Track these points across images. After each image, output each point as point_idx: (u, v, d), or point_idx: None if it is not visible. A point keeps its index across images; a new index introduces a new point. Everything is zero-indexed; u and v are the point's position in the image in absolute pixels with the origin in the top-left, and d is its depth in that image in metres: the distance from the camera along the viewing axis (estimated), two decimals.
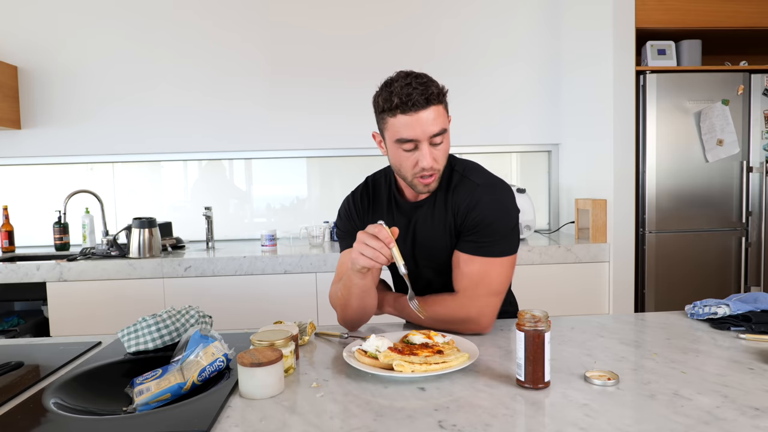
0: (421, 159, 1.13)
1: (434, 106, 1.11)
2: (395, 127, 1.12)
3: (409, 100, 1.09)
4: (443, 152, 1.17)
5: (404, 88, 1.10)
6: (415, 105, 1.09)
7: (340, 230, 1.38)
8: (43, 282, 2.39)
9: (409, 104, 1.09)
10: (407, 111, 1.10)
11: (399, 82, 1.12)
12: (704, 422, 0.77)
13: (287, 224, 3.10)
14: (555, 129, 3.11)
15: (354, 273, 1.15)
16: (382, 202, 1.33)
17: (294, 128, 3.00)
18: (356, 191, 1.38)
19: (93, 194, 2.80)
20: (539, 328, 0.90)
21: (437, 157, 1.15)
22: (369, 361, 0.99)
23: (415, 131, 1.11)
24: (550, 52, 3.07)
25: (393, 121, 1.12)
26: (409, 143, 1.13)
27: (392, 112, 1.11)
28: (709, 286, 2.66)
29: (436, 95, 1.11)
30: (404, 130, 1.11)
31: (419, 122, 1.10)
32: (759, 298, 1.24)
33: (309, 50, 2.98)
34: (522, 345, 0.91)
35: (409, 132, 1.11)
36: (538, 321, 0.90)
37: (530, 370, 0.90)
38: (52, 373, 1.04)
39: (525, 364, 0.91)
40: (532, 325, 0.90)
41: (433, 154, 1.14)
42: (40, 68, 2.92)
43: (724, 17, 2.62)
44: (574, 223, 2.90)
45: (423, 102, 1.09)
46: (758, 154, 2.65)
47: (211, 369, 0.96)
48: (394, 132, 1.13)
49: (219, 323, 1.82)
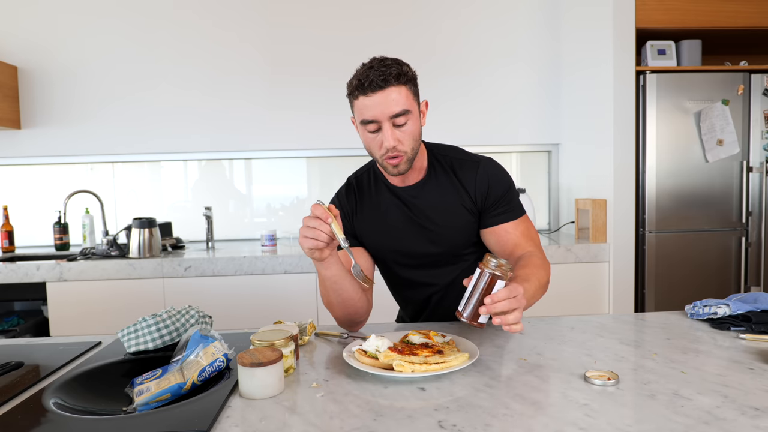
0: (384, 139, 1.14)
1: (394, 87, 1.11)
2: (358, 108, 1.15)
3: (367, 81, 1.11)
4: (409, 134, 1.16)
5: (365, 71, 1.12)
6: (371, 85, 1.10)
7: None
8: (43, 282, 2.39)
9: (366, 85, 1.11)
10: (366, 92, 1.11)
11: (365, 66, 1.15)
12: (704, 422, 0.77)
13: (287, 224, 3.10)
14: (555, 129, 3.11)
15: (316, 264, 1.17)
16: (371, 193, 1.32)
17: (294, 128, 3.00)
18: (340, 193, 1.37)
19: (93, 194, 2.80)
20: (496, 273, 0.98)
21: (401, 138, 1.15)
22: (369, 361, 0.99)
23: (373, 111, 1.12)
24: (550, 52, 3.07)
25: (356, 104, 1.15)
26: (371, 124, 1.14)
27: (354, 95, 1.14)
28: (709, 286, 2.66)
29: (395, 76, 1.11)
30: (365, 110, 1.13)
31: (377, 103, 1.11)
32: (759, 298, 1.24)
33: (309, 50, 2.98)
34: (474, 281, 0.99)
35: (368, 112, 1.13)
36: (499, 267, 0.98)
37: (471, 307, 0.99)
38: (52, 373, 1.04)
39: (468, 299, 1.00)
40: (492, 269, 0.98)
41: (395, 135, 1.14)
42: (40, 68, 2.92)
43: (724, 17, 2.62)
44: (574, 223, 2.90)
45: (381, 83, 1.10)
46: (758, 154, 2.65)
47: (211, 369, 0.96)
48: (358, 114, 1.16)
49: (219, 323, 1.82)
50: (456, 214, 1.27)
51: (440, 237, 1.28)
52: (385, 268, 1.38)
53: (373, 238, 1.32)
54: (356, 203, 1.33)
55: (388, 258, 1.34)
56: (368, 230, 1.32)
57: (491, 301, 0.95)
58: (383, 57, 1.16)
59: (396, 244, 1.30)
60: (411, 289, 1.38)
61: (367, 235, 1.32)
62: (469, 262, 1.35)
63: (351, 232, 1.33)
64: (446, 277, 1.34)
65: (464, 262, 1.34)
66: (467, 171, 1.27)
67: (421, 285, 1.36)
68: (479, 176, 1.26)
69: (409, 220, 1.28)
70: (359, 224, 1.32)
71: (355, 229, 1.33)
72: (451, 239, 1.29)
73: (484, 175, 1.26)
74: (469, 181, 1.26)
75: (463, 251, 1.32)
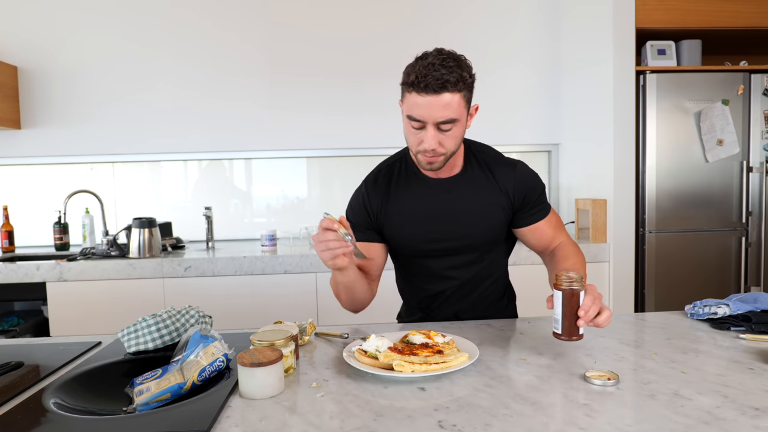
0: (424, 139, 1.15)
1: (449, 93, 1.10)
2: (408, 103, 1.14)
3: (424, 81, 1.09)
4: (452, 138, 1.17)
5: (425, 68, 1.09)
6: (427, 88, 1.09)
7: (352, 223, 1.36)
8: (43, 282, 2.39)
9: (422, 86, 1.09)
10: (420, 92, 1.10)
11: (426, 59, 1.11)
12: (704, 422, 0.77)
13: (287, 224, 3.10)
14: (555, 129, 3.11)
15: (334, 271, 1.21)
16: (403, 181, 1.33)
17: (294, 128, 3.00)
18: (368, 179, 1.37)
19: (93, 194, 2.80)
20: (574, 288, 1.01)
21: (443, 142, 1.16)
22: (369, 361, 0.99)
23: (422, 112, 1.12)
24: (550, 52, 3.07)
25: (408, 97, 1.14)
26: (417, 122, 1.14)
27: (408, 88, 1.13)
28: (709, 286, 2.66)
29: (453, 83, 1.09)
30: (415, 109, 1.13)
31: (429, 106, 1.11)
32: (759, 298, 1.24)
33: (309, 50, 2.98)
34: (559, 302, 1.02)
35: (417, 112, 1.12)
36: (572, 281, 1.01)
37: (566, 325, 1.01)
38: (52, 373, 1.04)
39: (561, 319, 1.02)
40: (568, 285, 1.01)
41: (438, 138, 1.15)
42: (40, 68, 2.92)
43: (724, 17, 2.62)
44: (574, 223, 2.90)
45: (437, 87, 1.09)
46: (758, 154, 2.65)
47: (211, 369, 0.96)
48: (407, 107, 1.15)
49: (219, 323, 1.83)
50: (489, 211, 1.30)
51: (470, 230, 1.30)
52: (405, 257, 1.38)
53: (401, 224, 1.32)
54: (386, 190, 1.33)
55: (411, 246, 1.34)
56: (397, 216, 1.32)
57: (584, 312, 1.00)
58: (449, 54, 1.13)
59: (424, 232, 1.31)
60: (426, 281, 1.38)
61: (393, 221, 1.32)
62: (488, 262, 1.37)
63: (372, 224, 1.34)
64: (465, 273, 1.35)
65: (485, 260, 1.36)
66: (505, 171, 1.31)
67: (438, 277, 1.36)
68: (518, 178, 1.30)
69: (441, 210, 1.30)
70: (387, 210, 1.32)
71: (379, 218, 1.33)
72: (481, 233, 1.31)
73: (522, 177, 1.31)
74: (507, 181, 1.30)
75: (488, 247, 1.35)
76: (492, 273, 1.40)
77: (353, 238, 1.11)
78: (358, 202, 1.35)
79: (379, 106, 3.00)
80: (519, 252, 2.50)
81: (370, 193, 1.33)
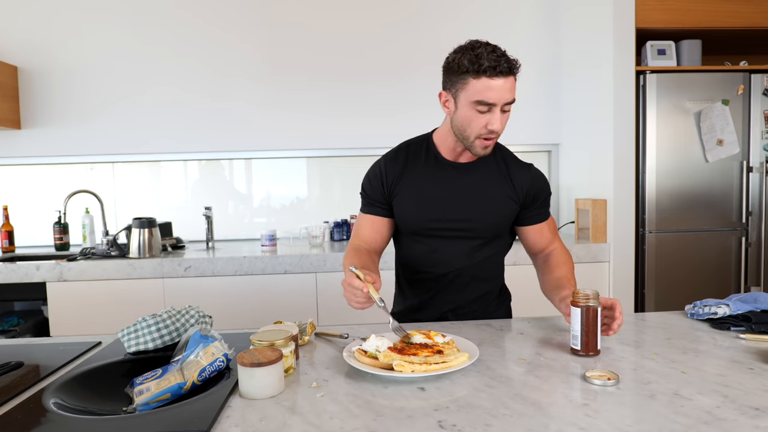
0: (491, 121, 1.21)
1: (513, 77, 1.20)
2: (476, 88, 1.18)
3: (498, 65, 1.16)
4: (506, 120, 1.24)
5: (491, 54, 1.16)
6: (502, 71, 1.17)
7: (366, 194, 1.41)
8: (43, 282, 2.39)
9: (497, 69, 1.16)
10: (494, 76, 1.16)
11: (484, 48, 1.18)
12: (704, 422, 0.77)
13: (287, 224, 3.10)
14: (555, 129, 3.11)
15: None
16: (421, 161, 1.37)
17: (294, 128, 3.00)
18: (388, 155, 1.41)
19: (93, 194, 2.80)
20: (590, 304, 1.05)
21: (504, 123, 1.23)
22: (369, 361, 0.99)
23: (495, 95, 1.18)
24: (550, 52, 3.07)
25: (475, 83, 1.18)
26: (485, 106, 1.19)
27: (477, 75, 1.17)
28: (709, 286, 2.66)
29: (517, 67, 1.20)
30: (486, 92, 1.18)
31: (501, 88, 1.18)
32: (759, 298, 1.24)
33: (309, 51, 2.98)
34: (578, 319, 1.06)
35: (490, 95, 1.18)
36: (589, 298, 1.05)
37: (585, 341, 1.05)
38: (52, 373, 1.04)
39: (581, 335, 1.06)
40: (585, 302, 1.05)
41: (502, 119, 1.22)
42: (40, 68, 2.92)
43: (724, 17, 2.62)
44: (574, 223, 2.90)
45: (508, 70, 1.17)
46: (758, 154, 2.65)
47: (211, 369, 0.96)
48: (474, 92, 1.19)
49: (219, 323, 1.83)
50: (499, 200, 1.35)
51: (479, 215, 1.34)
52: (410, 234, 1.39)
53: (412, 199, 1.35)
54: (404, 166, 1.37)
55: (419, 222, 1.36)
56: (410, 189, 1.35)
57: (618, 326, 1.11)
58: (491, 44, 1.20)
59: (436, 211, 1.34)
60: (429, 263, 1.38)
61: (405, 195, 1.35)
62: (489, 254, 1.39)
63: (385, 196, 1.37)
64: (466, 260, 1.37)
65: (486, 250, 1.39)
66: (519, 169, 1.38)
67: (443, 260, 1.37)
68: (531, 177, 1.38)
69: (456, 192, 1.34)
70: (402, 183, 1.35)
71: (394, 189, 1.36)
72: (489, 220, 1.35)
73: (536, 177, 1.39)
74: (520, 178, 1.36)
75: (492, 237, 1.38)
76: (491, 268, 1.42)
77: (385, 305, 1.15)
78: (375, 174, 1.39)
79: (379, 106, 3.00)
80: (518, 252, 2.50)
81: (388, 166, 1.38)
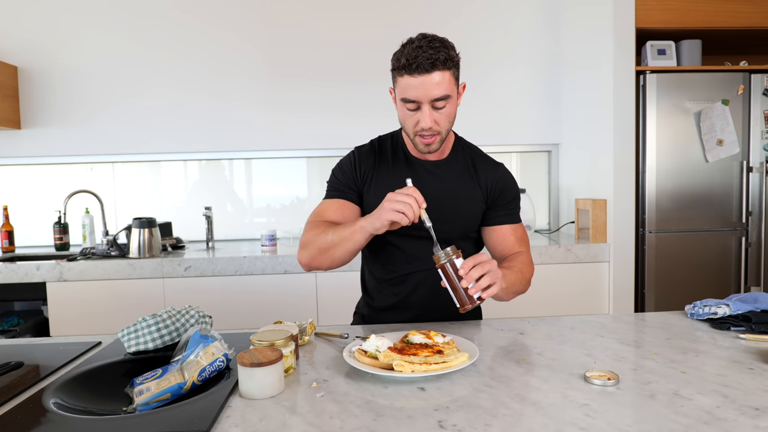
0: (421, 119, 1.20)
1: (439, 71, 1.15)
2: (401, 86, 1.19)
3: (415, 63, 1.14)
4: (446, 116, 1.22)
5: (414, 51, 1.14)
6: (419, 68, 1.14)
7: (338, 180, 1.36)
8: (43, 282, 2.39)
9: (414, 66, 1.14)
10: (412, 73, 1.15)
11: (413, 44, 1.17)
12: (704, 422, 0.77)
13: (287, 224, 3.10)
14: (555, 129, 3.11)
15: (361, 232, 1.18)
16: (391, 158, 1.36)
17: (293, 128, 3.00)
18: (362, 147, 1.41)
19: (93, 194, 2.80)
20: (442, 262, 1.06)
21: (438, 120, 1.21)
22: (369, 361, 0.99)
23: (417, 93, 1.17)
24: (550, 52, 3.07)
25: (400, 81, 1.19)
26: (412, 103, 1.19)
27: (400, 72, 1.17)
28: (709, 286, 2.66)
29: (442, 61, 1.14)
30: (409, 90, 1.17)
31: (422, 85, 1.15)
32: (759, 298, 1.24)
33: (309, 51, 2.98)
34: (444, 279, 1.07)
35: (412, 93, 1.17)
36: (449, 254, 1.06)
37: (458, 295, 1.06)
38: (52, 373, 1.04)
39: (452, 292, 1.07)
40: (447, 259, 1.06)
41: (433, 116, 1.20)
42: (40, 68, 2.92)
43: (724, 17, 2.62)
44: (574, 223, 2.90)
45: (428, 66, 1.14)
46: (758, 154, 2.65)
47: (211, 369, 0.96)
48: (400, 91, 1.20)
49: (219, 323, 1.83)
50: (468, 198, 1.34)
51: (451, 214, 1.32)
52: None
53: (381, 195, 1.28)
54: (374, 163, 1.36)
55: None
56: (379, 187, 1.32)
57: (464, 272, 1.04)
58: (432, 37, 1.18)
59: None
60: (398, 263, 1.36)
61: (374, 192, 1.33)
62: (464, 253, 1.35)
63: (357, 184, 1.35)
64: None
65: None
66: (487, 168, 1.37)
67: (412, 260, 1.34)
68: (498, 176, 1.36)
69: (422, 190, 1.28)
70: (372, 179, 1.35)
71: (365, 183, 1.35)
72: (457, 220, 1.33)
73: (503, 176, 1.37)
74: (487, 177, 1.36)
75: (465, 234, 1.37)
76: None
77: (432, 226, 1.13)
78: (349, 162, 1.37)
79: (379, 106, 3.00)
80: None
81: (362, 158, 1.37)
